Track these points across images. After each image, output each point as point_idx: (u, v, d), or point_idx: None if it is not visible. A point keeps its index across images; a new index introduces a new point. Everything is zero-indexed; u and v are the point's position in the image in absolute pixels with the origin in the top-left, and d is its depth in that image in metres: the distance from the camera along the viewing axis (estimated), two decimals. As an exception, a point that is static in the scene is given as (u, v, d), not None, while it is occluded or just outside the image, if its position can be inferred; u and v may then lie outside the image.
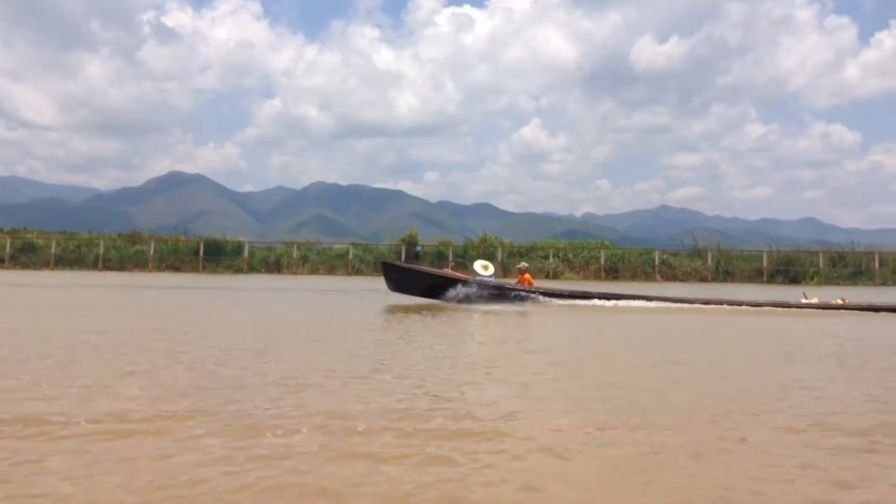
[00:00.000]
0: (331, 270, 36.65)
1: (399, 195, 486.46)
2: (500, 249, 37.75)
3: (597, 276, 35.27)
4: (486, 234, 41.89)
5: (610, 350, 7.89)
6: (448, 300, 14.43)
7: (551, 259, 36.86)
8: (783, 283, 32.68)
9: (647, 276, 34.89)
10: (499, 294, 14.72)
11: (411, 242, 38.12)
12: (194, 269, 36.18)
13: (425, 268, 18.33)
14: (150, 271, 35.42)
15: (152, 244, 37.66)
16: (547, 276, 35.29)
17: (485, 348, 7.86)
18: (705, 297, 15.62)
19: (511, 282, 16.01)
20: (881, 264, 33.23)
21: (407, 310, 12.72)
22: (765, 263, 34.29)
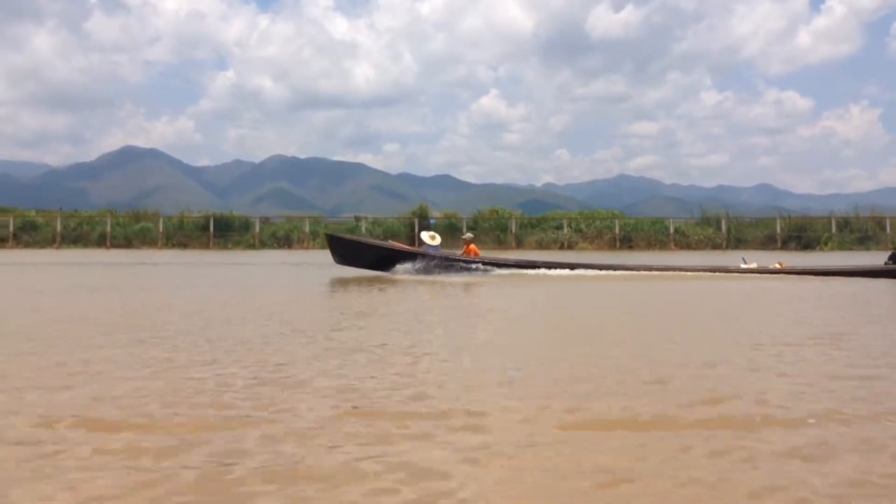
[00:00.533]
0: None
1: (359, 168, 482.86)
2: (512, 221, 37.82)
3: (611, 246, 35.67)
4: (495, 207, 41.72)
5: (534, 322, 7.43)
6: (395, 272, 14.48)
7: (565, 230, 36.92)
8: (796, 248, 33.41)
9: (662, 245, 35.36)
10: (445, 265, 14.79)
11: (422, 215, 37.85)
12: (203, 246, 35.58)
13: (371, 240, 18.35)
14: (159, 248, 34.68)
15: (160, 221, 36.90)
16: (561, 247, 35.39)
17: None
18: (650, 265, 15.97)
19: (461, 252, 15.89)
20: (891, 229, 34.16)
21: (346, 282, 12.78)
22: (777, 230, 35.00)
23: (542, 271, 15.09)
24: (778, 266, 15.16)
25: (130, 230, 36.31)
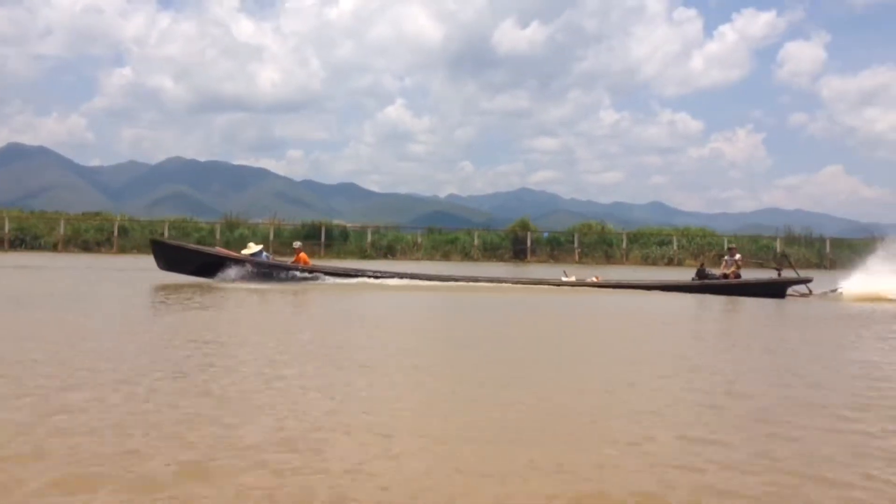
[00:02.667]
0: (445, 256, 36.94)
1: (262, 173, 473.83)
2: (623, 236, 38.50)
3: (715, 264, 33.85)
4: (592, 221, 42.32)
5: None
6: (220, 279, 14.37)
7: (675, 246, 37.04)
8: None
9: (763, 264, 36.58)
10: (270, 273, 14.81)
11: (524, 227, 38.72)
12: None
13: (196, 246, 18.02)
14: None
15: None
16: (669, 263, 35.02)
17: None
18: (473, 276, 16.66)
19: (293, 262, 15.95)
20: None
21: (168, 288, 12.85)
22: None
23: (372, 280, 15.24)
24: (594, 280, 16.31)
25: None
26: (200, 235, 35.95)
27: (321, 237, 36.74)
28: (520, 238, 37.81)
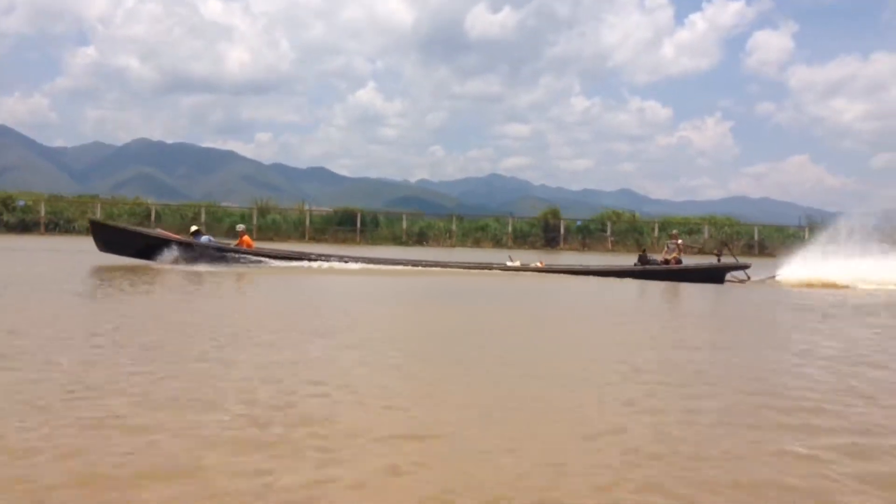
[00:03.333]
0: (476, 243, 37.10)
1: (230, 156, 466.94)
2: (655, 225, 39.25)
3: (745, 253, 31.71)
4: (550, 207, 42.53)
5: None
6: (161, 261, 14.32)
7: (706, 234, 37.30)
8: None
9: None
10: (214, 256, 14.80)
11: (555, 215, 39.32)
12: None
13: (137, 227, 17.95)
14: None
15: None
16: (700, 251, 33.98)
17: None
18: (416, 259, 16.88)
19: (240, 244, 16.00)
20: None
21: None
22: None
23: (317, 264, 15.27)
24: (538, 265, 16.63)
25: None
26: (233, 220, 35.79)
27: (357, 223, 36.81)
28: (551, 226, 38.37)
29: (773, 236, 39.07)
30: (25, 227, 34.25)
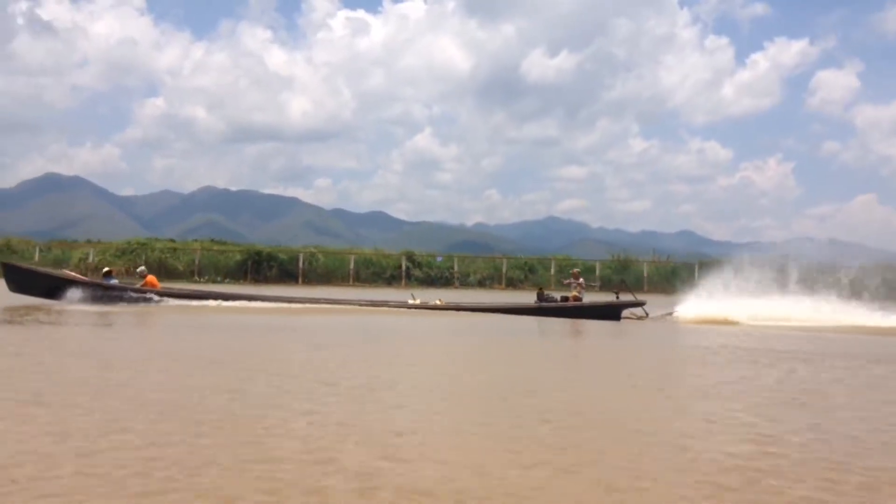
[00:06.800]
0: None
1: (291, 202, 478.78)
2: (697, 266, 38.55)
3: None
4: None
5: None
6: (68, 301, 14.80)
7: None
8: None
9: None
10: (116, 296, 15.24)
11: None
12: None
13: (44, 269, 18.64)
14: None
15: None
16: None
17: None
18: (317, 297, 17.31)
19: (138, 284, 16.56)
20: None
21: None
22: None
23: (219, 302, 15.79)
24: (438, 302, 17.03)
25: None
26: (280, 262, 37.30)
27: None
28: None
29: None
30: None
